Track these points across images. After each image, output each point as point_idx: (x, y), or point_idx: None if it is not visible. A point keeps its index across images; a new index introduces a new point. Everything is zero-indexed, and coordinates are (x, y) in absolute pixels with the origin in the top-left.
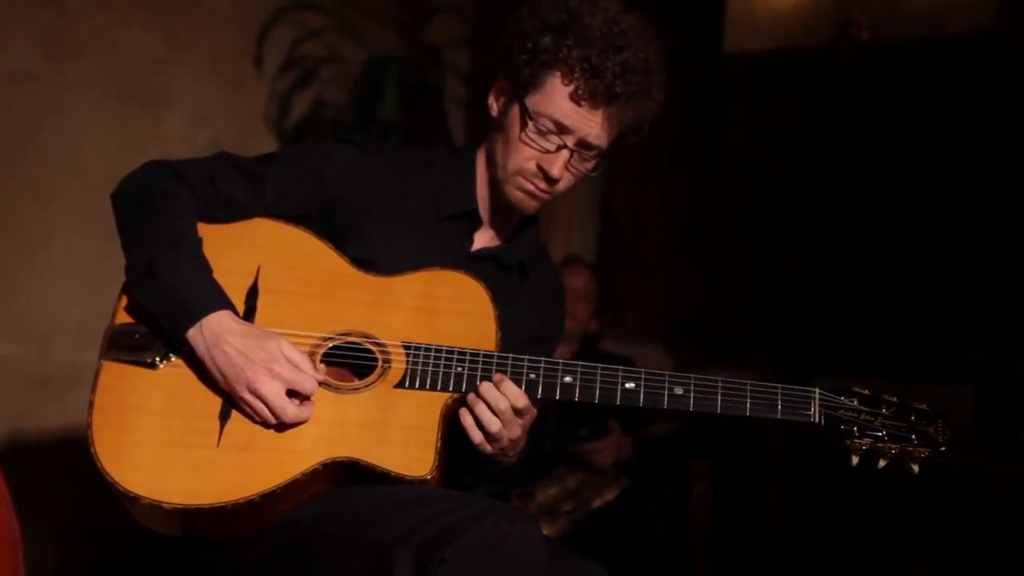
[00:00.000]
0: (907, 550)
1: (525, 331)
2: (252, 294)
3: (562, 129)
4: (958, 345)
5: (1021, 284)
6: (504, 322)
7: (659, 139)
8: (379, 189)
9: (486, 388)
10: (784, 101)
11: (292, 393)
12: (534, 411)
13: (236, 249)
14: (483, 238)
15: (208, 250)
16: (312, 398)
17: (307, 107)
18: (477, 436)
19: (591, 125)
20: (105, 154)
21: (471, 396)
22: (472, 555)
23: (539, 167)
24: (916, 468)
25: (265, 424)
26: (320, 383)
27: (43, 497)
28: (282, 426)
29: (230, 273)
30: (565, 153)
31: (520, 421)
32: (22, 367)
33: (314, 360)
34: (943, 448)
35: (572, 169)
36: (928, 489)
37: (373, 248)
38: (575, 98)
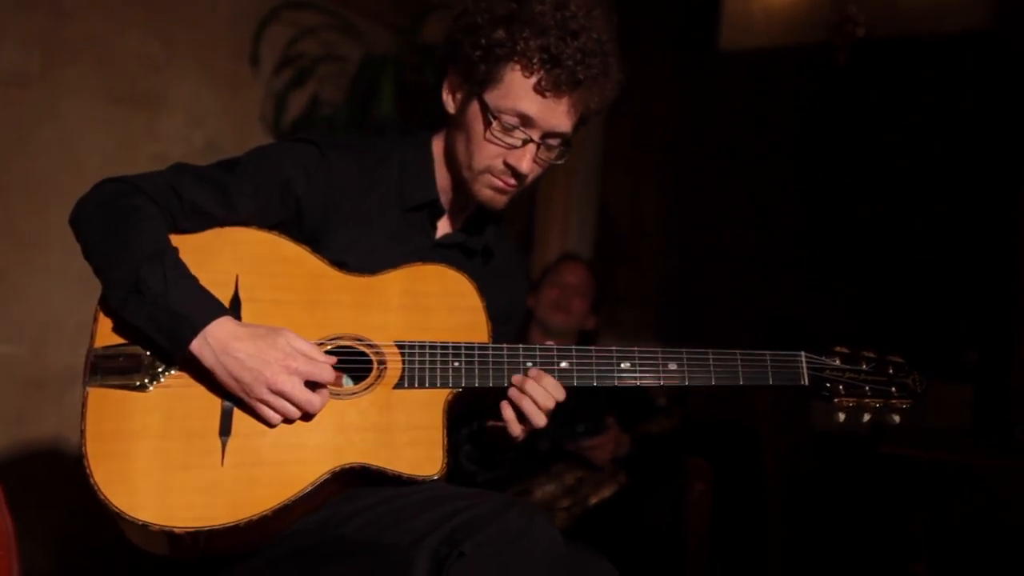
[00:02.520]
0: (904, 548)
1: (495, 312)
2: (235, 304)
3: (527, 122)
4: (956, 344)
5: (1018, 282)
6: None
7: (656, 136)
8: (344, 188)
9: (532, 386)
10: (780, 98)
11: (310, 385)
12: None
13: (212, 259)
14: (444, 225)
15: (184, 261)
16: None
17: (303, 106)
18: (516, 429)
19: (557, 115)
20: (101, 155)
21: (514, 391)
22: (493, 548)
23: (507, 164)
24: (898, 419)
25: (284, 422)
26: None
27: (38, 497)
28: (286, 438)
29: (209, 284)
30: (532, 147)
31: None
32: (18, 367)
33: None
34: (921, 397)
35: (539, 161)
36: (925, 486)
37: (342, 248)
38: (539, 90)
